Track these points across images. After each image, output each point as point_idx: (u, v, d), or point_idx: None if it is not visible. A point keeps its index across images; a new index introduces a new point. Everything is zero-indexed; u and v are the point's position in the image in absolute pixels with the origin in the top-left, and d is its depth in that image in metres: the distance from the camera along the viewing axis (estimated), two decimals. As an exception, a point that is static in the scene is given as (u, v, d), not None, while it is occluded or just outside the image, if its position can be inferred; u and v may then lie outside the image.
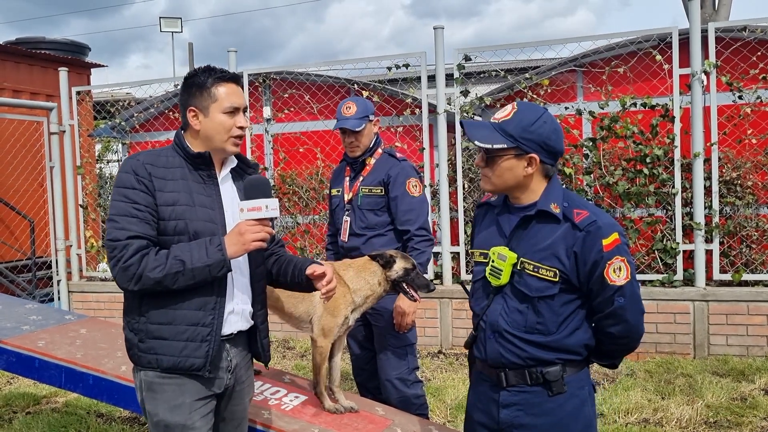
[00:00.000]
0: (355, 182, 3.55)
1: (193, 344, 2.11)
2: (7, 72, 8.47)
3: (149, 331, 2.12)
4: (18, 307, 3.95)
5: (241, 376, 2.32)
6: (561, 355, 2.00)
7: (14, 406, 4.83)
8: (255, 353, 2.37)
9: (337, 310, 2.96)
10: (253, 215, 2.07)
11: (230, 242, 2.08)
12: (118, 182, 2.12)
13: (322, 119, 7.16)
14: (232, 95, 2.19)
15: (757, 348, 5.32)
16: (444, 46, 6.11)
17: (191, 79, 2.20)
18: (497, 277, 2.03)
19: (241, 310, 2.25)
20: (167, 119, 7.75)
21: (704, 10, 11.68)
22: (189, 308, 2.11)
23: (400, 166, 3.48)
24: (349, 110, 3.43)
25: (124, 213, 2.07)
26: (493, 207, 2.17)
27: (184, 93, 2.22)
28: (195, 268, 2.04)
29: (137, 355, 2.16)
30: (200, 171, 2.20)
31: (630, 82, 5.99)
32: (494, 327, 2.05)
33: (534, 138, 1.97)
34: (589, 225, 1.94)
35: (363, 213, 3.48)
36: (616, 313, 1.98)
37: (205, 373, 2.13)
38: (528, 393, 2.03)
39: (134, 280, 2.03)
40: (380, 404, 3.21)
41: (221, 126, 2.17)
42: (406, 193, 3.41)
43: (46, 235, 7.75)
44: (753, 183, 5.64)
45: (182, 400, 2.14)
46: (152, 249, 2.06)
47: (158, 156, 2.18)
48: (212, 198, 2.19)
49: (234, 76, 2.23)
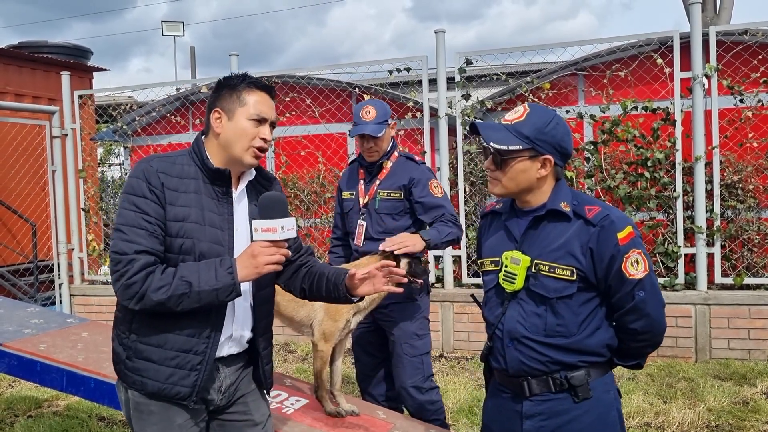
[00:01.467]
0: (371, 186, 3.46)
1: (181, 372, 1.97)
2: (9, 76, 8.50)
3: (138, 350, 1.98)
4: (20, 310, 3.95)
5: (238, 392, 2.16)
6: (584, 358, 1.95)
7: (16, 410, 4.83)
8: (257, 379, 2.21)
9: (338, 315, 2.96)
10: (268, 236, 1.89)
11: (242, 265, 1.91)
12: (128, 188, 1.97)
13: (324, 123, 7.17)
14: (261, 104, 2.04)
15: (758, 351, 5.31)
16: (445, 49, 6.13)
17: (224, 81, 2.07)
18: (512, 282, 1.99)
19: (239, 336, 2.10)
20: (169, 123, 7.77)
21: (705, 13, 11.68)
22: (181, 333, 1.96)
23: (421, 170, 3.42)
24: (369, 114, 3.33)
25: (133, 224, 1.92)
26: (498, 214, 2.14)
27: (213, 94, 2.08)
28: (202, 291, 1.88)
29: (123, 372, 2.03)
30: (215, 186, 2.04)
31: (631, 85, 5.99)
32: (512, 334, 1.99)
33: (548, 139, 1.96)
34: (602, 220, 1.92)
35: (380, 217, 3.40)
36: (638, 308, 1.93)
37: (190, 403, 2.00)
38: (552, 401, 1.96)
39: (136, 298, 1.88)
40: (381, 408, 3.22)
41: (243, 132, 2.01)
42: (430, 194, 3.36)
43: (48, 238, 7.76)
44: (754, 186, 5.64)
45: (171, 423, 2.02)
46: (159, 267, 1.91)
47: (173, 164, 2.02)
48: (223, 217, 2.03)
49: (268, 87, 2.09)
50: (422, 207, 3.36)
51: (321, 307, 2.98)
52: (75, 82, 7.86)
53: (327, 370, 3.04)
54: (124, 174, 9.03)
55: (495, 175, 2.01)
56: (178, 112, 7.80)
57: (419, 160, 3.51)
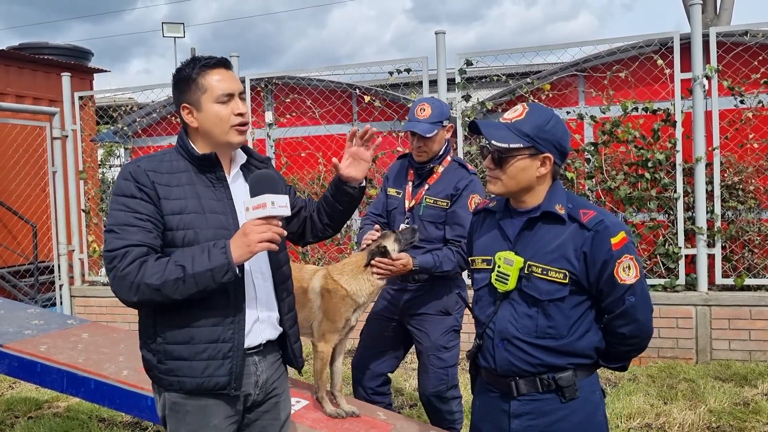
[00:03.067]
0: (419, 190, 3.32)
1: (215, 362, 1.97)
2: (10, 77, 8.50)
3: (167, 351, 1.98)
4: (20, 311, 3.96)
5: (274, 389, 2.17)
6: (572, 360, 1.98)
7: (16, 411, 4.83)
8: (287, 360, 2.22)
9: (337, 315, 2.96)
10: (259, 213, 1.86)
11: (235, 245, 1.88)
12: (117, 190, 1.97)
13: (324, 124, 7.17)
14: (222, 82, 2.01)
15: (759, 353, 5.30)
16: (446, 50, 6.12)
17: (177, 74, 2.04)
18: (504, 283, 2.00)
19: (267, 317, 2.09)
20: (170, 124, 7.77)
21: (706, 14, 11.69)
22: (206, 324, 1.96)
23: (470, 179, 3.26)
24: (423, 112, 3.20)
25: (124, 223, 1.91)
26: (492, 212, 2.15)
27: (175, 91, 2.06)
28: (196, 273, 1.85)
29: (157, 377, 2.02)
30: (207, 174, 2.03)
31: (631, 86, 5.99)
32: (503, 334, 2.01)
33: (549, 138, 1.97)
34: (597, 224, 1.93)
35: (424, 225, 3.25)
36: (628, 313, 1.96)
37: (230, 390, 2.00)
38: (540, 401, 1.98)
39: (133, 289, 1.86)
40: (382, 409, 3.21)
41: (217, 117, 2.00)
42: (466, 208, 3.18)
43: (48, 239, 7.76)
44: (755, 187, 5.64)
45: (206, 423, 2.02)
46: (152, 256, 1.90)
47: (161, 161, 2.02)
48: (223, 202, 2.03)
49: (220, 61, 2.04)
50: (451, 216, 3.22)
51: (320, 308, 2.98)
52: (75, 84, 7.87)
53: (327, 371, 3.04)
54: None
55: (494, 173, 2.01)
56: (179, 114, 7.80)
57: (472, 169, 3.35)
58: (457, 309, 3.35)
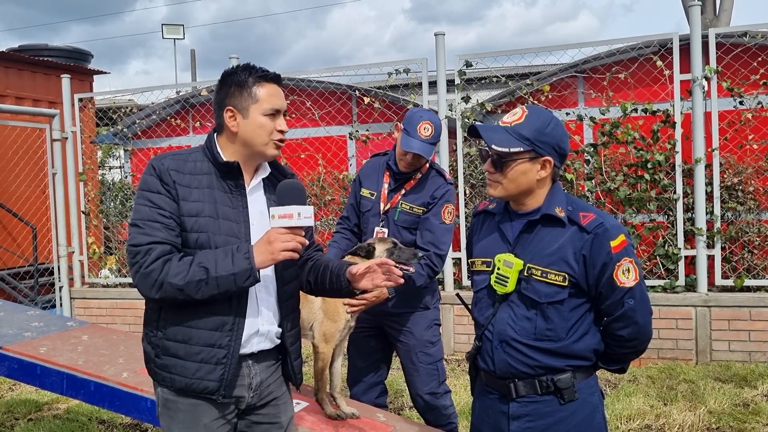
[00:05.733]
0: (395, 194, 3.31)
1: (207, 366, 1.98)
2: (10, 79, 8.51)
3: (165, 347, 2.01)
4: (20, 313, 3.95)
5: (271, 393, 2.16)
6: (571, 362, 1.98)
7: (16, 413, 4.83)
8: (286, 375, 2.22)
9: (337, 316, 2.96)
10: (284, 223, 1.90)
11: (258, 251, 1.92)
12: (143, 185, 2.01)
13: (324, 125, 7.17)
14: (273, 97, 2.04)
15: (759, 354, 5.31)
16: (445, 52, 6.13)
17: (230, 77, 2.05)
18: (504, 285, 2.00)
19: (267, 331, 2.10)
20: (169, 126, 7.77)
21: (705, 15, 11.70)
22: (205, 327, 1.98)
23: (446, 189, 3.28)
24: (427, 132, 3.15)
25: (149, 218, 1.95)
26: (492, 214, 2.15)
27: (221, 91, 2.07)
28: (219, 276, 1.89)
29: (153, 371, 2.06)
30: (228, 180, 2.05)
31: (631, 87, 5.99)
32: (502, 336, 2.01)
33: (549, 141, 1.97)
34: (597, 227, 1.94)
35: (398, 229, 3.27)
36: (627, 315, 1.96)
37: (218, 397, 2.01)
38: (539, 402, 1.99)
39: (156, 287, 1.91)
40: (381, 410, 3.21)
41: (262, 129, 2.03)
42: (439, 216, 3.21)
43: (48, 241, 7.76)
44: (755, 188, 5.64)
45: (197, 422, 2.03)
46: (175, 255, 1.94)
47: (185, 161, 2.05)
48: (238, 210, 2.05)
49: (276, 77, 2.08)
50: (423, 224, 3.24)
51: (320, 308, 2.98)
52: (75, 85, 7.87)
53: (327, 372, 3.04)
54: (124, 177, 9.03)
55: (495, 177, 2.01)
56: (179, 115, 7.81)
57: (449, 178, 3.37)
58: (434, 303, 3.38)
